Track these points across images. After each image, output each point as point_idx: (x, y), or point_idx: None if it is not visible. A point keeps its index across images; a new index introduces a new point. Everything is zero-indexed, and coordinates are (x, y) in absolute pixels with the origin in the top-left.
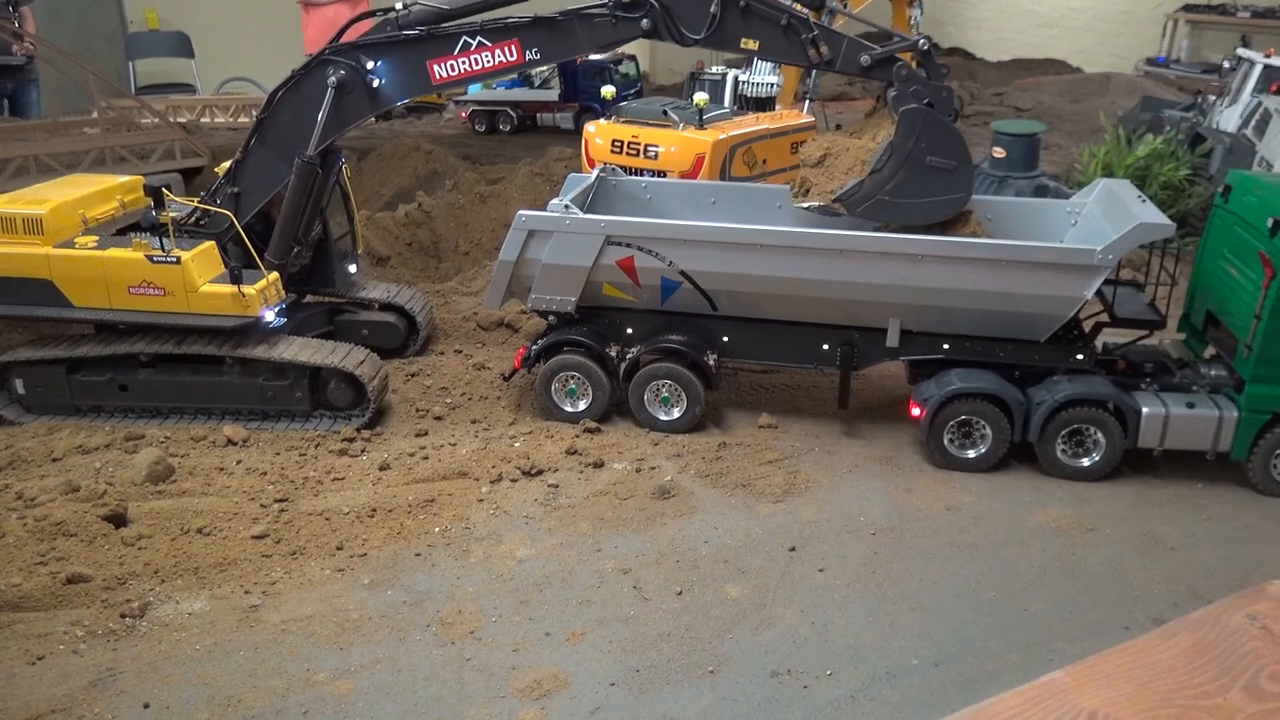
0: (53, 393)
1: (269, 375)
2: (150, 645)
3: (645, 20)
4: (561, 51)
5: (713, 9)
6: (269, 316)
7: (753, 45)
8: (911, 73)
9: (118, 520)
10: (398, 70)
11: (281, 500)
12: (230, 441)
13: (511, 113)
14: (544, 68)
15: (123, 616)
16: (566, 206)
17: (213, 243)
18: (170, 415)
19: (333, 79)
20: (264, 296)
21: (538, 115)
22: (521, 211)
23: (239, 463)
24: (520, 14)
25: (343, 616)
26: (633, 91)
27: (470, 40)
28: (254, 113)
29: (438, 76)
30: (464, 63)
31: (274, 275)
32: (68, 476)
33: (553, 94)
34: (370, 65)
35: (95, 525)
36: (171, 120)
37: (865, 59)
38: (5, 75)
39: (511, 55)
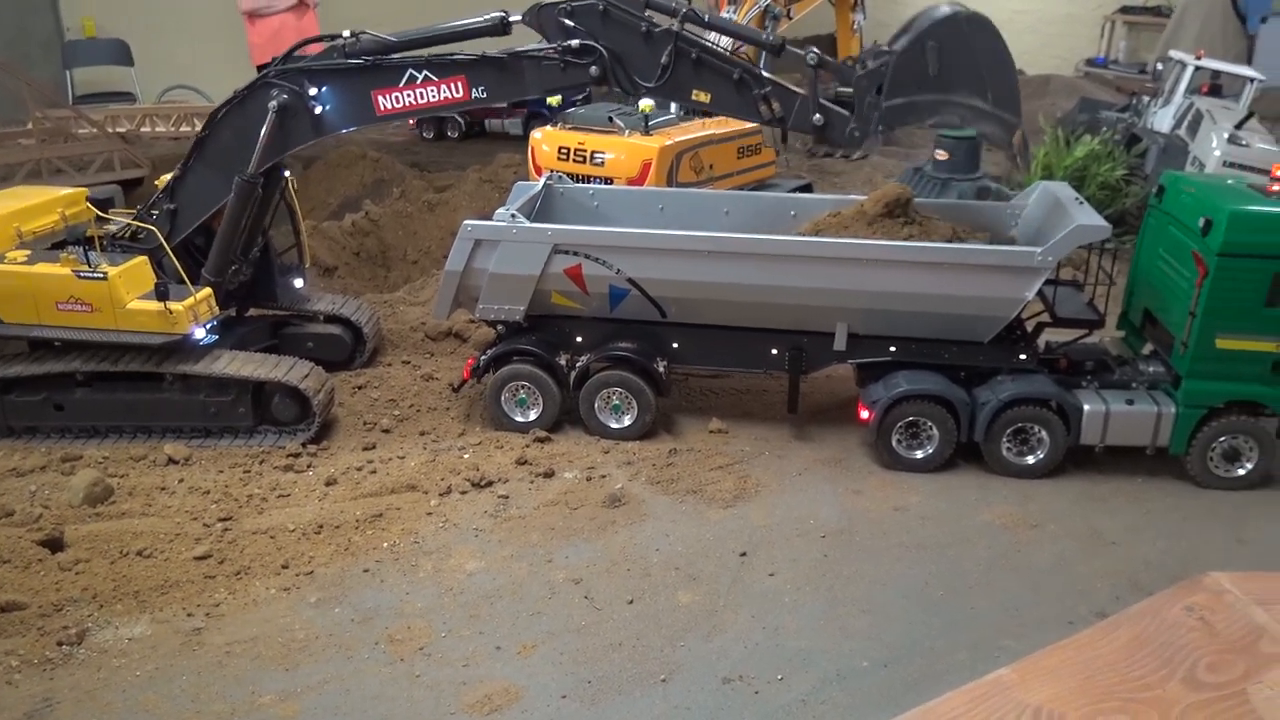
0: None
1: (211, 391)
2: (89, 673)
3: (594, 68)
4: (510, 92)
5: (664, 59)
6: (199, 334)
7: (704, 98)
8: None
9: (54, 544)
10: (341, 98)
11: (225, 519)
12: (171, 460)
13: (460, 119)
14: None
15: (60, 644)
16: (513, 215)
17: (145, 258)
18: (108, 435)
19: (274, 103)
20: (193, 313)
21: (486, 121)
22: (467, 221)
23: (181, 481)
24: (469, 51)
25: (289, 636)
26: (581, 97)
27: (416, 74)
28: (196, 122)
29: (382, 108)
30: (409, 95)
31: (205, 292)
32: (1, 500)
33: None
34: (314, 91)
35: (30, 550)
36: (110, 130)
37: (818, 119)
38: None
39: (458, 92)
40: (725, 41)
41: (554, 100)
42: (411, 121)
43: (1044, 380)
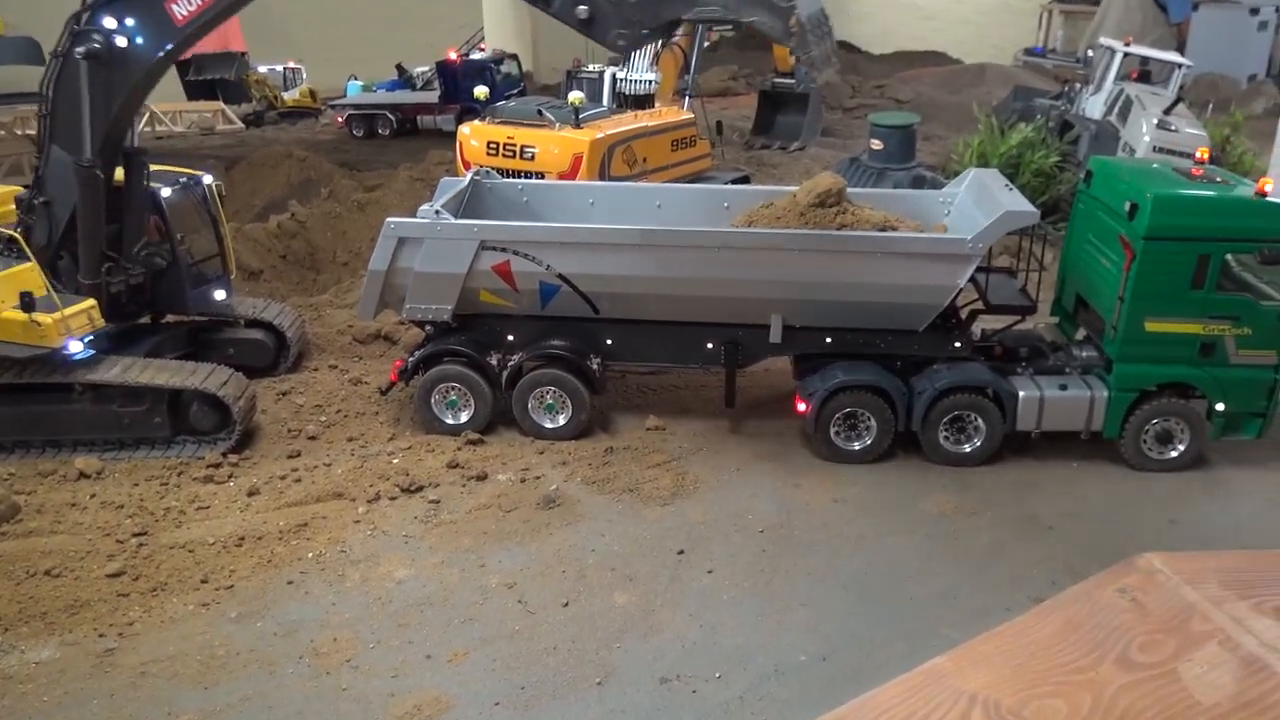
0: None
1: (124, 401)
2: None
3: None
4: None
5: None
6: (73, 347)
7: None
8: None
9: None
10: (140, 21)
11: (140, 534)
12: (82, 474)
13: (390, 116)
14: (428, 70)
15: None
16: (437, 212)
17: (32, 264)
18: (14, 450)
19: (81, 51)
20: (65, 326)
21: (418, 118)
22: (390, 219)
23: (93, 496)
24: None
25: (208, 654)
26: (515, 91)
27: None
28: None
29: (179, 16)
30: None
31: (86, 303)
32: None
33: (433, 96)
34: (115, 25)
35: None
36: (20, 133)
37: (582, 10)
38: None
39: None
40: None
41: (481, 94)
42: (340, 119)
43: (979, 368)
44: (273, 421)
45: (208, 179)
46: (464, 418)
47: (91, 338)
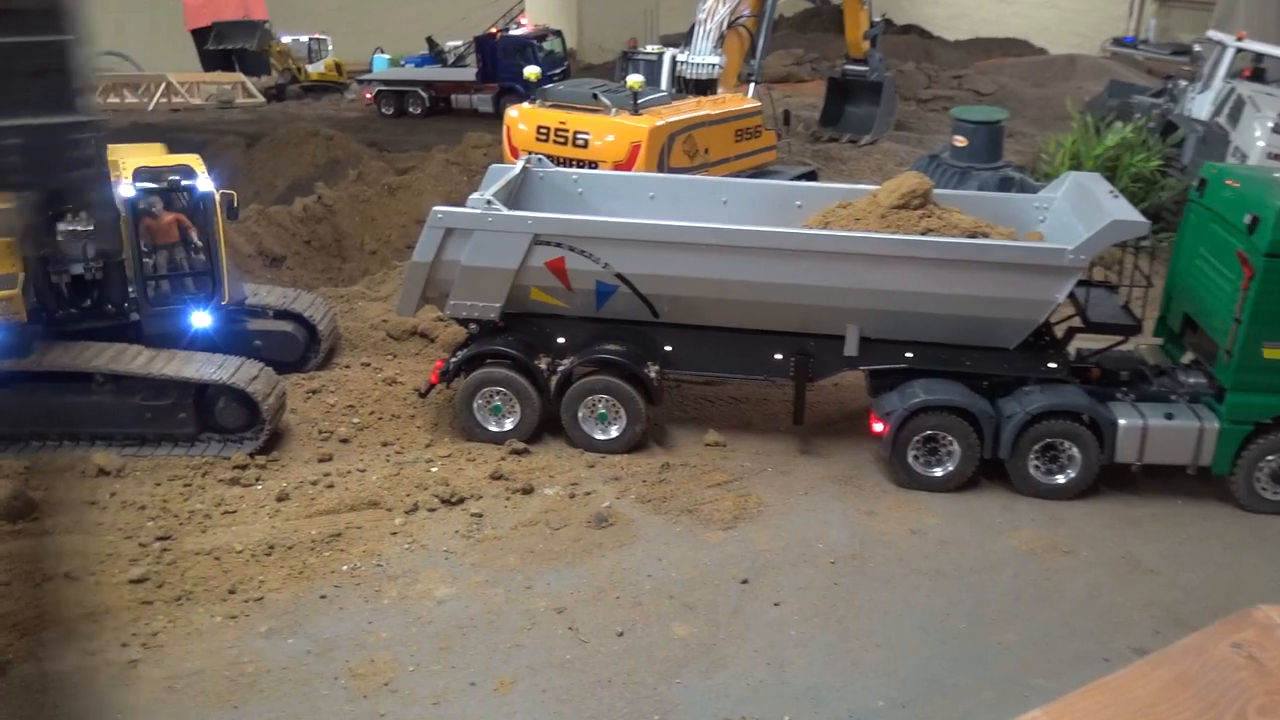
0: None
1: (147, 394)
2: (10, 711)
3: None
4: None
5: None
6: None
7: None
8: None
9: None
10: None
11: (164, 538)
12: (102, 471)
13: (423, 94)
14: (461, 45)
15: None
16: (489, 201)
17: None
18: (30, 442)
19: None
20: None
21: (452, 97)
22: (437, 207)
23: (113, 495)
24: None
25: (236, 671)
26: (558, 72)
27: None
28: (127, 94)
29: None
30: None
31: (9, 291)
32: None
33: (469, 73)
34: None
35: None
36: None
37: None
38: None
39: None
40: None
41: (532, 74)
42: (369, 95)
43: (1075, 391)
44: (302, 421)
45: (207, 186)
46: (508, 425)
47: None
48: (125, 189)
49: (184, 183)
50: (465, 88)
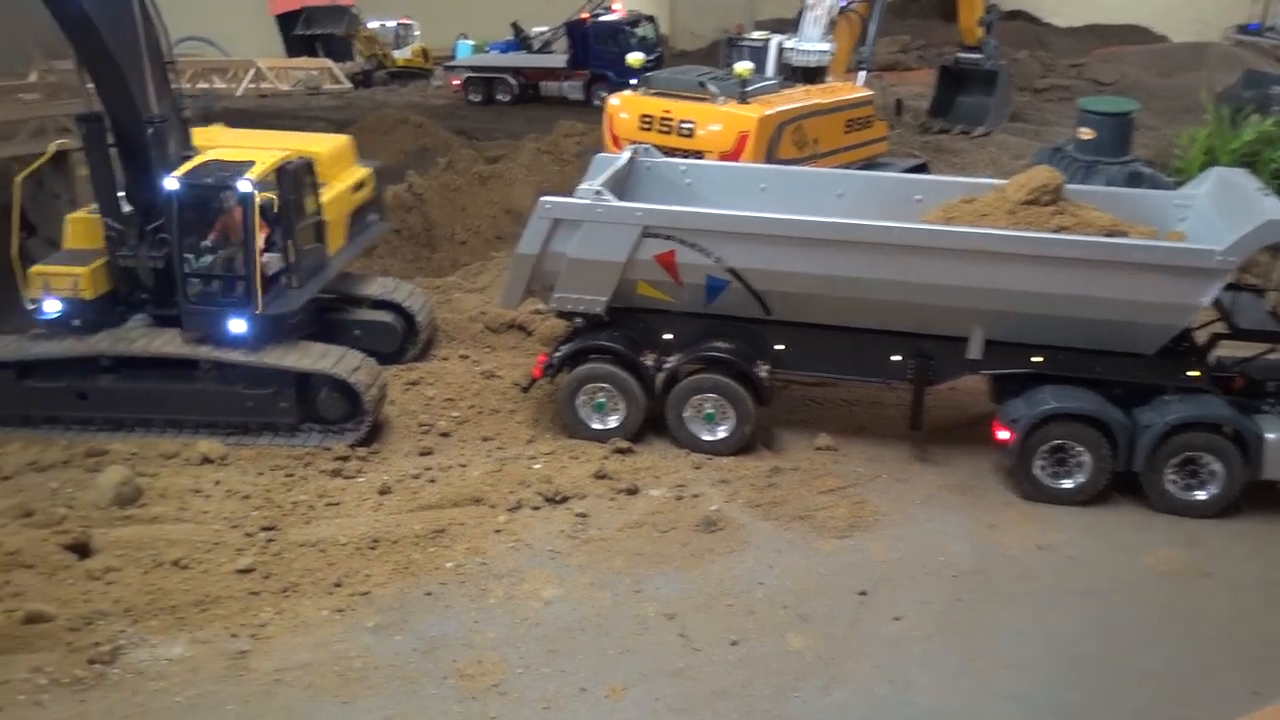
0: (0, 401)
1: (249, 383)
2: (124, 697)
3: None
4: None
5: None
6: (46, 306)
7: None
8: None
9: (81, 550)
10: None
11: (269, 528)
12: (206, 459)
13: (511, 80)
14: (547, 31)
15: (91, 663)
16: (598, 192)
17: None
18: (135, 428)
19: None
20: (46, 280)
21: (541, 84)
22: (546, 197)
23: (217, 484)
24: None
25: (344, 665)
26: (651, 58)
27: None
28: (215, 79)
29: None
30: None
31: (84, 268)
32: (20, 498)
33: (559, 60)
34: None
35: (55, 555)
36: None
37: None
38: None
39: None
40: None
41: (635, 61)
42: (456, 82)
43: (1217, 402)
44: (401, 414)
45: (246, 186)
46: (612, 423)
47: (64, 303)
48: (243, 184)
49: (229, 182)
50: (555, 74)
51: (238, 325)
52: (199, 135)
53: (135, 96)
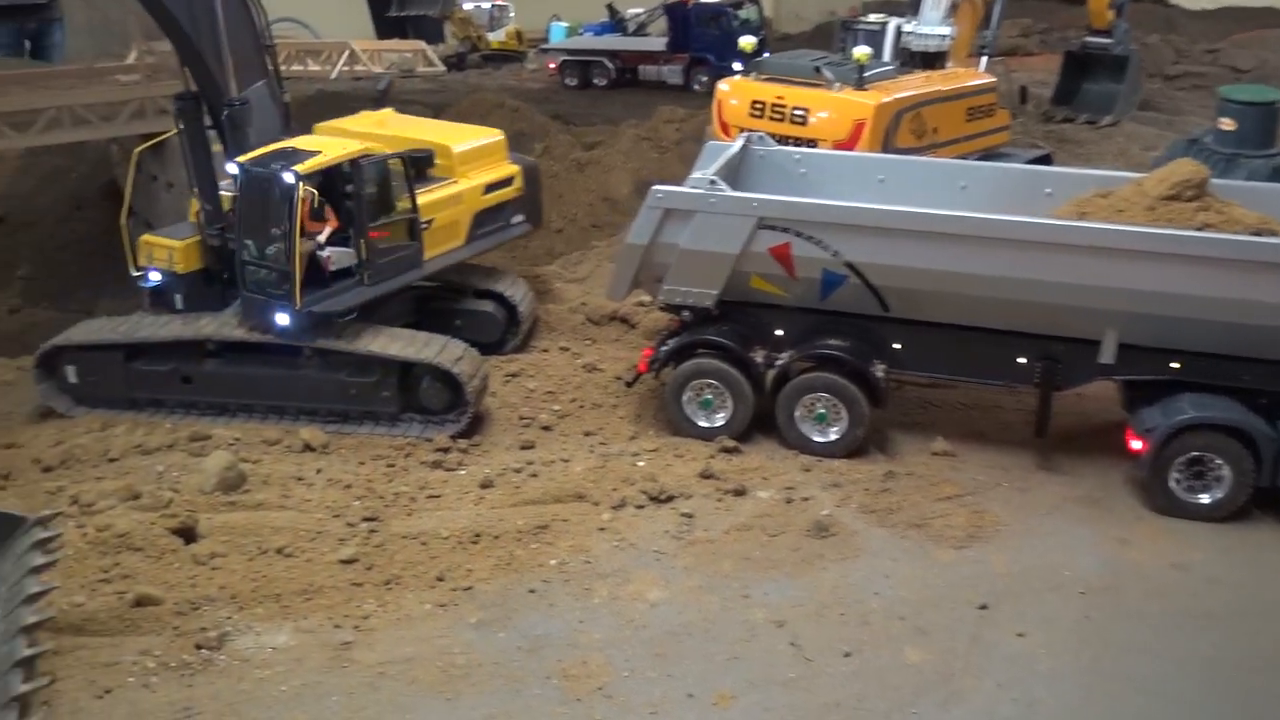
0: (107, 383)
1: (352, 370)
2: (230, 683)
3: None
4: None
5: None
6: (151, 275)
7: None
8: None
9: (187, 534)
10: None
11: (370, 519)
12: (308, 447)
13: (608, 64)
14: (643, 13)
15: (198, 648)
16: (712, 181)
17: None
18: (238, 414)
19: None
20: (149, 251)
21: (639, 68)
22: (658, 186)
23: (319, 472)
24: None
25: (447, 660)
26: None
27: None
28: (309, 61)
29: None
30: None
31: (183, 242)
32: (127, 480)
33: (658, 43)
34: None
35: (163, 539)
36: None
37: None
38: (26, 14)
39: None
40: None
41: (748, 44)
42: (552, 65)
43: None
44: (502, 406)
45: (290, 178)
46: (719, 421)
47: (161, 276)
48: (288, 175)
49: (277, 171)
50: (653, 58)
51: (282, 318)
52: (366, 118)
53: (215, 76)
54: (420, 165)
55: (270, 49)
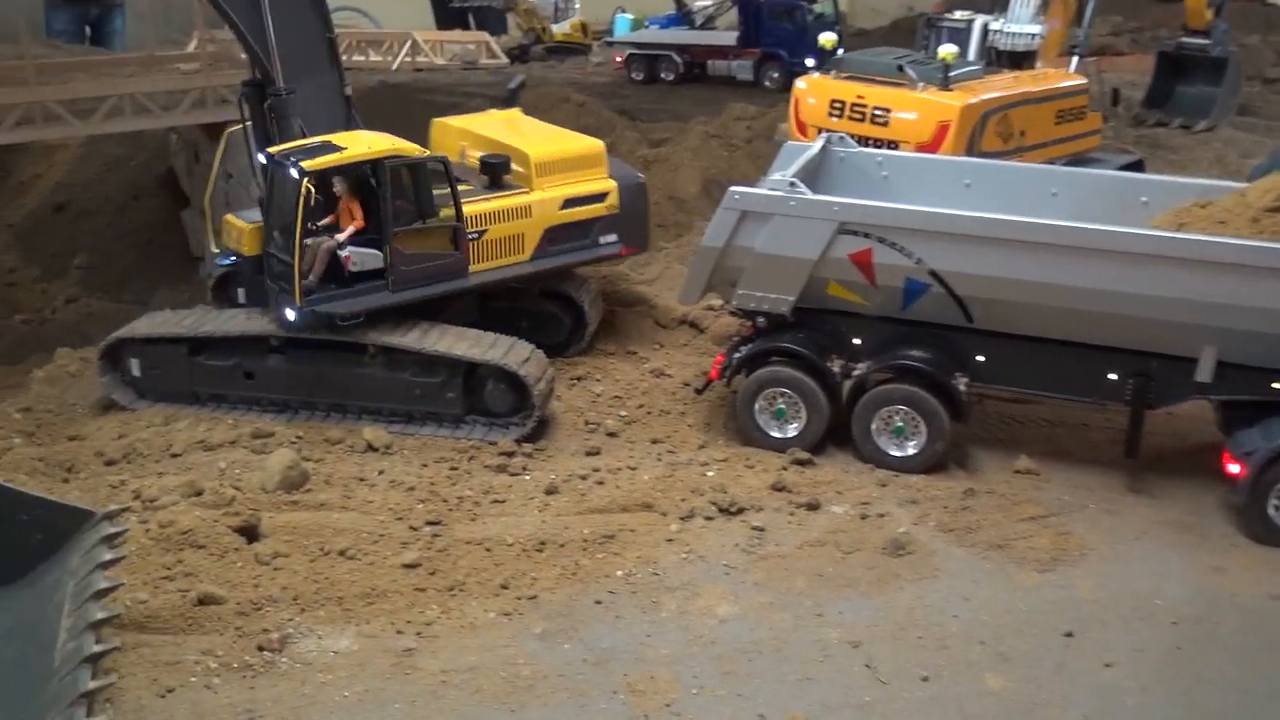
0: (170, 376)
1: (417, 370)
2: (292, 686)
3: None
4: None
5: None
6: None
7: None
8: None
9: (249, 533)
10: None
11: (434, 523)
12: (371, 447)
13: (677, 58)
14: (711, 6)
15: (260, 649)
16: (792, 183)
17: None
18: (299, 411)
19: None
20: (223, 235)
21: (708, 63)
22: (735, 187)
23: (381, 473)
24: None
25: (512, 671)
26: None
27: None
28: (371, 51)
29: None
30: None
31: (248, 225)
32: (189, 476)
33: (728, 37)
34: None
35: (226, 537)
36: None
37: None
38: (89, 1)
39: None
40: None
41: (828, 41)
42: (618, 59)
43: None
44: (567, 410)
45: (295, 173)
46: (791, 432)
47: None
48: (294, 170)
49: (286, 164)
50: (723, 53)
51: (289, 313)
52: (494, 116)
53: (262, 63)
54: (495, 172)
55: (332, 41)
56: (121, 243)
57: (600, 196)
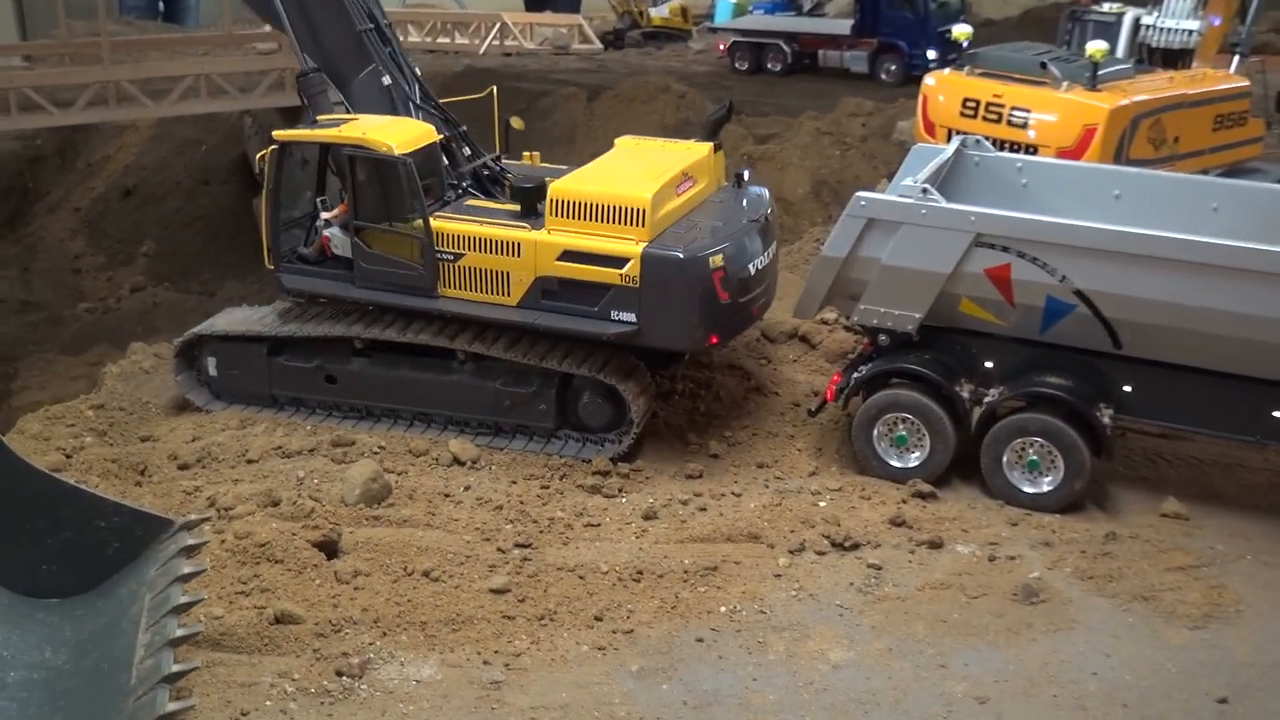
0: (248, 378)
1: (508, 380)
2: (371, 716)
3: None
4: None
5: None
6: None
7: None
8: None
9: (329, 549)
10: None
11: (523, 545)
12: (457, 460)
13: (784, 47)
14: None
15: (339, 674)
16: (924, 190)
17: None
18: (382, 419)
19: None
20: None
21: (819, 52)
22: (861, 194)
23: (467, 489)
24: None
25: (606, 711)
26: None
27: None
28: (458, 34)
29: None
30: None
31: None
32: (266, 484)
33: (840, 24)
34: None
35: (304, 552)
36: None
37: None
38: None
39: None
40: None
41: (962, 34)
42: (722, 47)
43: None
44: (665, 428)
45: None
46: (913, 461)
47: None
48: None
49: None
50: (836, 42)
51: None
52: (659, 147)
53: (294, 44)
54: (528, 198)
55: (372, 30)
56: (190, 230)
57: (617, 261)
